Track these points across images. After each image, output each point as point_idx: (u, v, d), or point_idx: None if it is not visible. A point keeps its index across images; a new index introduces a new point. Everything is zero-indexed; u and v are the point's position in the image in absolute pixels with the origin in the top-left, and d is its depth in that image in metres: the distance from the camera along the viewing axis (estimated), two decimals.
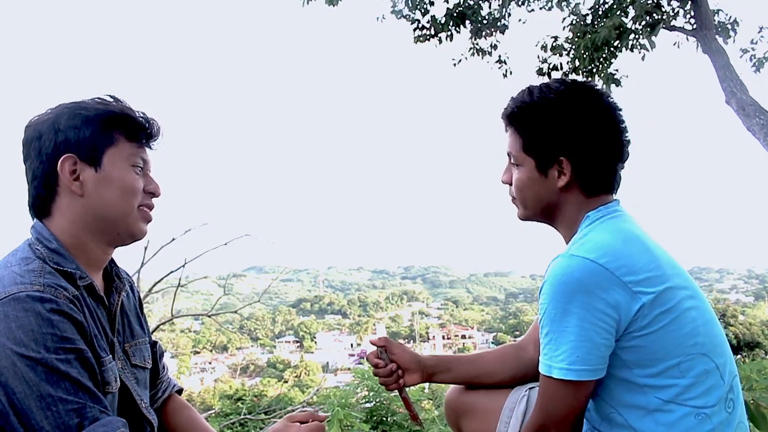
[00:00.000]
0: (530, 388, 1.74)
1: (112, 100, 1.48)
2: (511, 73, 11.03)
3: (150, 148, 1.52)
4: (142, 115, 1.48)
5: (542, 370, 1.45)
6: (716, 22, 9.42)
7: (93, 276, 1.43)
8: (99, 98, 1.47)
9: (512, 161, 1.64)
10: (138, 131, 1.47)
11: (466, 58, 11.13)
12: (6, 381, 1.16)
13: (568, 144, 1.53)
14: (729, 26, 9.61)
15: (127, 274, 1.65)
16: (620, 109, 1.58)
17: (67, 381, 1.19)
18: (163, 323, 7.20)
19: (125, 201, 1.44)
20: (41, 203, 1.41)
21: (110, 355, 1.38)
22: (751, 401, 2.17)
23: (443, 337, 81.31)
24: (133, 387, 1.49)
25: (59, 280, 1.29)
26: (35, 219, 1.44)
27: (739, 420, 1.46)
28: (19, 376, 1.16)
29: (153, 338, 1.72)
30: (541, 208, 1.62)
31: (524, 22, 11.13)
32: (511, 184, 1.67)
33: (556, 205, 1.60)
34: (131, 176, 1.46)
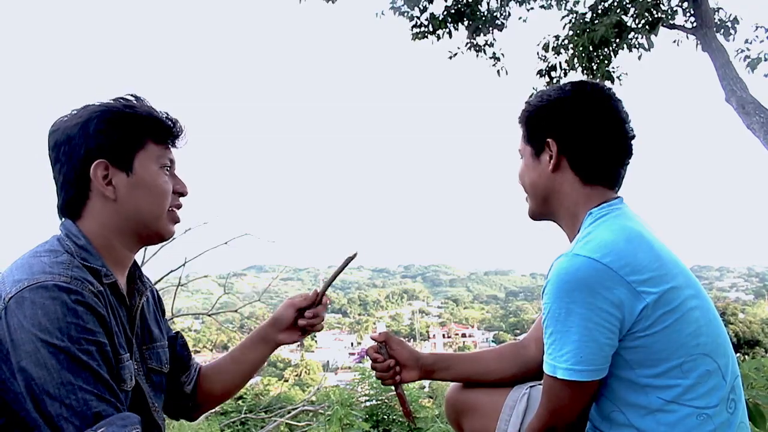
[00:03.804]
0: (531, 387, 1.74)
1: (135, 100, 1.49)
2: (506, 72, 11.03)
3: (175, 147, 1.54)
4: (166, 115, 1.50)
5: (547, 370, 1.45)
6: (716, 21, 9.41)
7: (118, 276, 1.44)
8: (123, 99, 1.48)
9: (520, 156, 1.71)
10: (164, 133, 1.49)
11: (462, 52, 11.13)
12: (26, 366, 1.17)
13: (554, 124, 1.59)
14: (729, 24, 9.58)
15: (149, 280, 1.66)
16: (619, 101, 1.60)
17: (87, 371, 1.19)
18: None
19: (158, 204, 1.47)
20: (72, 206, 1.42)
21: (128, 354, 1.39)
22: (750, 400, 2.17)
23: (443, 336, 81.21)
24: (147, 390, 1.49)
25: (86, 274, 1.30)
26: (64, 219, 1.45)
27: (740, 420, 1.46)
28: (40, 363, 1.16)
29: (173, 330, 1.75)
30: (540, 196, 1.65)
31: (525, 21, 11.14)
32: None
33: (552, 191, 1.62)
34: (162, 179, 1.48)
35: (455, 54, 11.17)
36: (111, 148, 1.40)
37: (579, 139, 1.56)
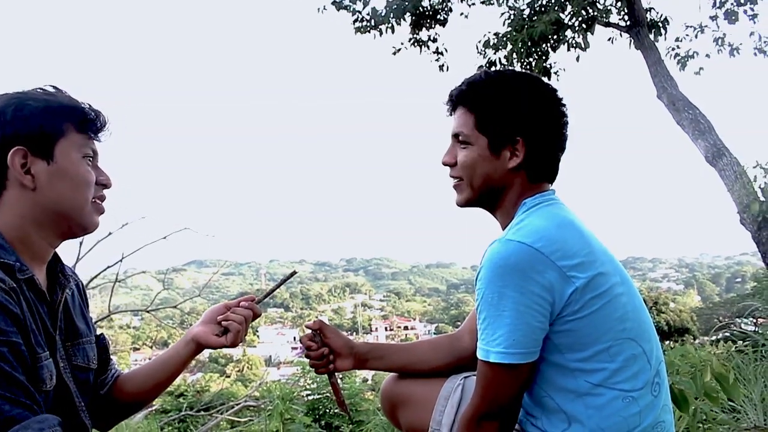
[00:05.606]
0: (465, 377, 1.75)
1: (55, 90, 1.44)
2: (447, 68, 11.11)
3: (98, 140, 1.49)
4: (88, 106, 1.45)
5: (480, 355, 1.45)
6: (649, 20, 9.69)
7: (36, 271, 1.38)
8: (42, 89, 1.43)
9: (460, 140, 1.63)
10: (87, 123, 1.44)
11: (406, 48, 11.15)
12: None
13: (526, 125, 1.56)
14: (660, 24, 9.88)
15: (74, 272, 1.60)
16: (563, 98, 1.63)
17: None
18: (101, 320, 7.02)
19: (79, 193, 1.41)
20: None
21: (47, 352, 1.33)
22: (674, 385, 2.26)
23: (386, 329, 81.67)
24: (73, 388, 1.43)
25: None
26: None
27: (663, 403, 1.51)
28: None
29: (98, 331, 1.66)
30: (487, 190, 1.62)
31: (466, 16, 11.22)
32: (452, 166, 1.67)
33: (501, 188, 1.61)
34: (84, 168, 1.42)
35: (399, 50, 11.18)
36: (30, 135, 1.34)
37: (544, 145, 1.58)
